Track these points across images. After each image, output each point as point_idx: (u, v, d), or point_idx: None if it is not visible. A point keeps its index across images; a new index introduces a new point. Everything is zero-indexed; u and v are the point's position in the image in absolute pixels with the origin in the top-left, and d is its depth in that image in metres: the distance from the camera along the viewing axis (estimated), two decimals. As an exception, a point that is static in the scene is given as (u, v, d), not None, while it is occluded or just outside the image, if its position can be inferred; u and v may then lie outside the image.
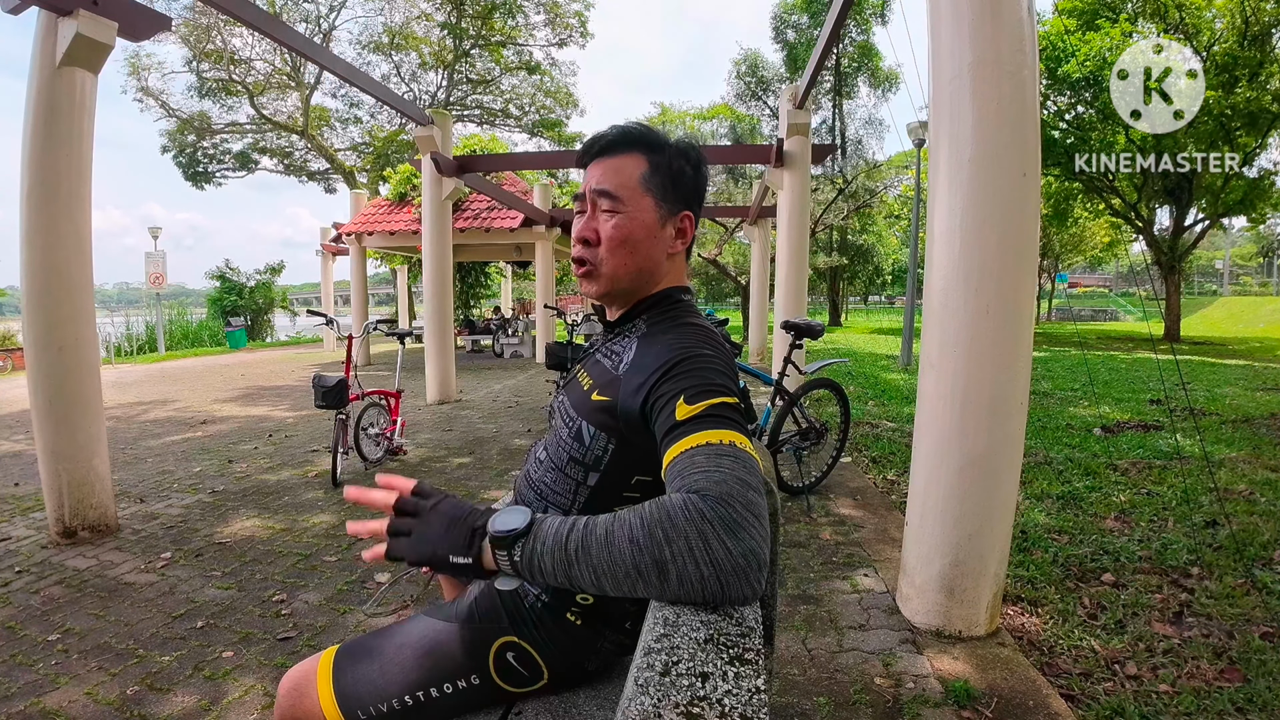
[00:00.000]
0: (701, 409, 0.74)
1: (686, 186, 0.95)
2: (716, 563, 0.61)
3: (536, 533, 0.68)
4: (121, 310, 26.76)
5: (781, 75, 19.96)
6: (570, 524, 0.68)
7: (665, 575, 0.62)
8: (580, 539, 0.66)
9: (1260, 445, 4.53)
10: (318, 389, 3.80)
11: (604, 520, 0.68)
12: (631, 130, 0.93)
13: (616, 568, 0.64)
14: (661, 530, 0.63)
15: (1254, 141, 13.58)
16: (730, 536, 0.62)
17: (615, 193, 0.90)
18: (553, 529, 0.68)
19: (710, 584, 0.62)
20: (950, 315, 2.06)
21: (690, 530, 0.62)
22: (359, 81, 5.54)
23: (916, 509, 2.21)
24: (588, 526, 0.67)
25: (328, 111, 22.82)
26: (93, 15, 2.83)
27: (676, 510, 0.64)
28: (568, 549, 0.66)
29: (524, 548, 0.68)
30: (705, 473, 0.67)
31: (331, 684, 0.94)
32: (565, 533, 0.67)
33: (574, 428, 0.92)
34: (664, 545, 0.62)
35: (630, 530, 0.65)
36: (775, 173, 6.43)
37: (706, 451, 0.70)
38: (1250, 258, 56.50)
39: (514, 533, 0.68)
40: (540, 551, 0.67)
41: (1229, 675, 1.88)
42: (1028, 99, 1.98)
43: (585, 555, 0.65)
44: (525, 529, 0.68)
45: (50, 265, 2.89)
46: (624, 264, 0.92)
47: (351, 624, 2.26)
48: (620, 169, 0.91)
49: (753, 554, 0.62)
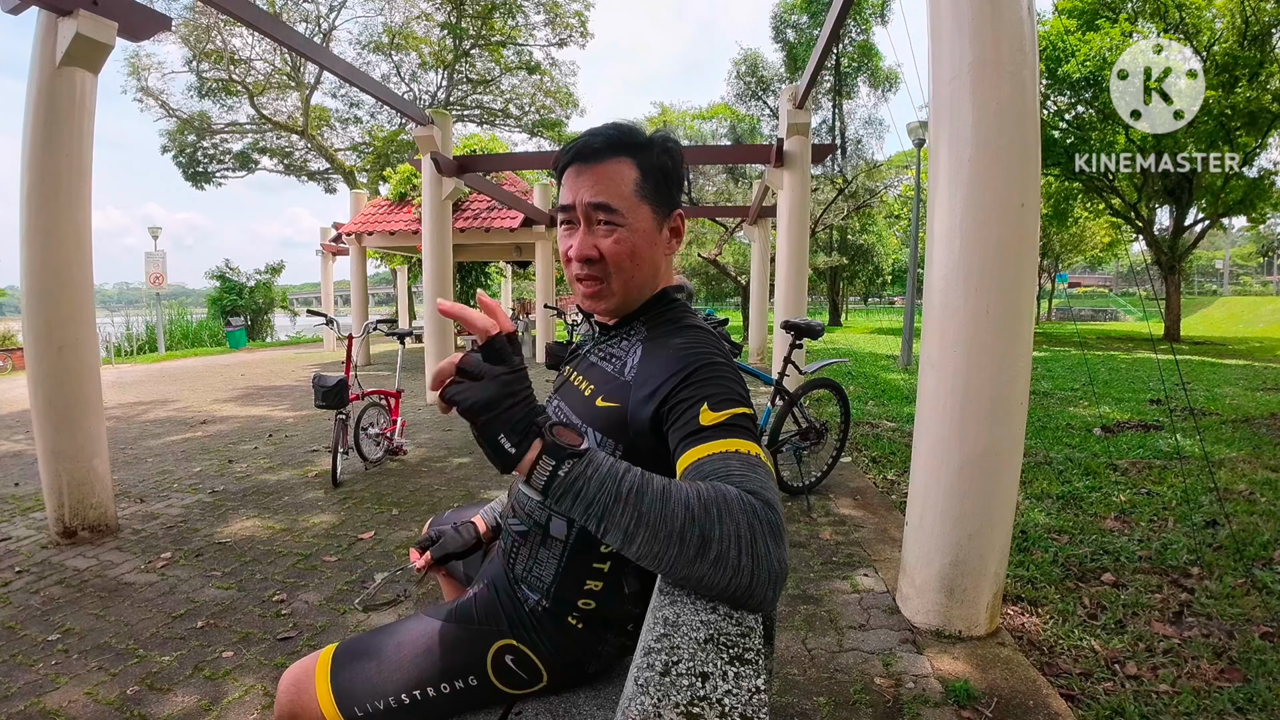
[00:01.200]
0: (726, 417, 0.75)
1: (673, 183, 0.92)
2: (758, 558, 0.62)
3: (591, 458, 0.66)
4: (121, 310, 26.80)
5: (781, 75, 19.96)
6: (626, 466, 0.67)
7: (706, 550, 0.62)
8: (636, 483, 0.65)
9: (1260, 445, 4.53)
10: (318, 389, 3.80)
11: (660, 478, 0.67)
12: (616, 135, 0.89)
13: (662, 525, 0.63)
14: (717, 509, 0.63)
15: (1254, 141, 13.58)
16: (774, 541, 0.63)
17: (616, 206, 0.87)
18: (608, 462, 0.67)
19: (744, 576, 0.62)
20: (950, 315, 2.06)
21: (743, 520, 0.63)
22: (359, 81, 5.54)
23: (916, 509, 2.21)
24: (645, 476, 0.66)
25: (328, 111, 22.83)
26: (93, 15, 2.82)
27: (733, 498, 0.64)
28: (621, 486, 0.65)
29: (574, 466, 0.65)
30: (746, 478, 0.68)
31: (330, 682, 0.94)
32: (621, 471, 0.66)
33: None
34: (715, 523, 0.62)
35: (686, 497, 0.64)
36: (775, 173, 6.43)
37: (740, 459, 0.70)
38: (1250, 257, 56.51)
39: (565, 445, 0.65)
40: (590, 475, 0.65)
41: (1229, 675, 1.88)
42: (1028, 99, 1.98)
43: (636, 500, 0.64)
44: (583, 450, 0.66)
45: (50, 265, 2.89)
46: (633, 279, 0.90)
47: (351, 624, 2.26)
48: (614, 179, 0.87)
49: (784, 565, 0.64)
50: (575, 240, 0.89)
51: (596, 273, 0.89)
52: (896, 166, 23.40)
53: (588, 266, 0.89)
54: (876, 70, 19.65)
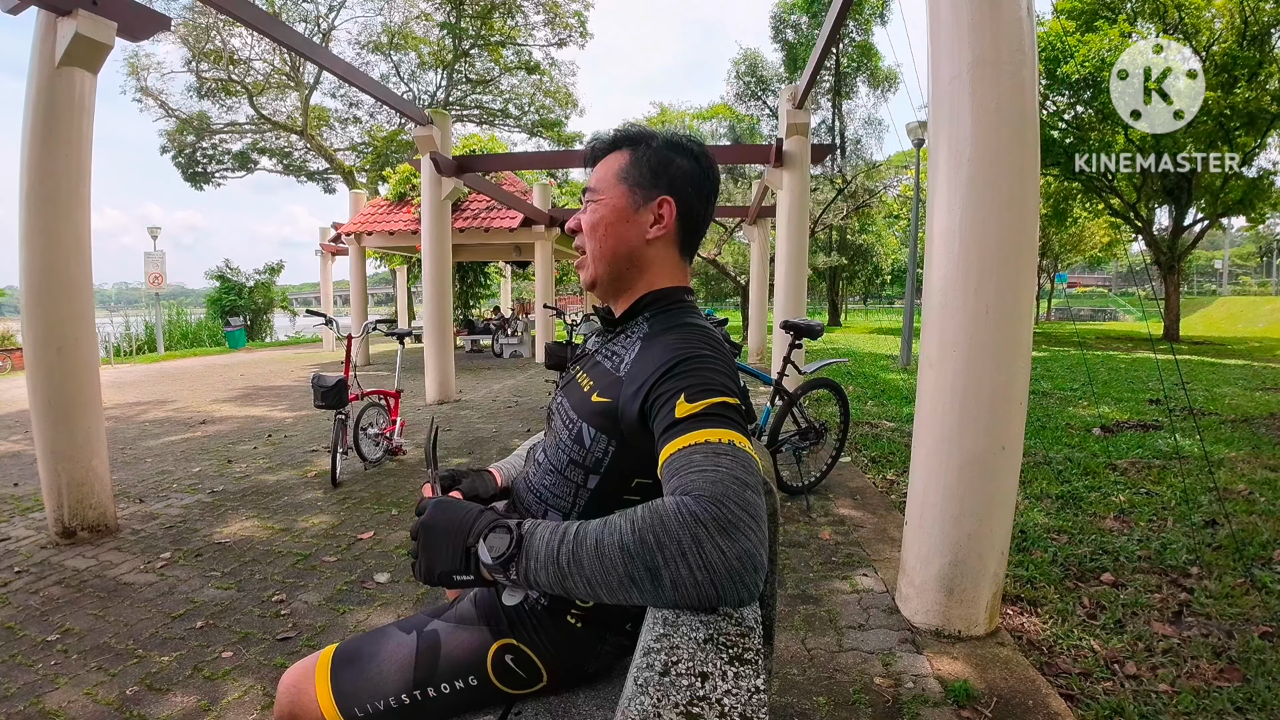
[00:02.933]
0: (701, 407, 0.74)
1: (671, 174, 0.94)
2: (710, 566, 0.60)
3: (527, 548, 0.67)
4: (121, 310, 26.78)
5: (781, 75, 19.97)
6: (561, 534, 0.67)
7: (659, 581, 0.61)
8: (571, 551, 0.65)
9: (1259, 445, 4.54)
10: (317, 389, 3.79)
11: (595, 527, 0.66)
12: (621, 132, 0.98)
13: (609, 576, 0.63)
14: (653, 535, 0.62)
15: (1253, 141, 13.58)
16: (724, 538, 0.60)
17: (595, 186, 0.96)
18: (544, 542, 0.67)
19: (705, 588, 0.61)
20: (950, 315, 2.06)
21: (683, 534, 0.61)
22: (358, 81, 5.54)
23: (916, 508, 2.21)
24: (578, 536, 0.66)
25: (327, 111, 22.83)
26: (92, 15, 2.82)
27: (669, 514, 0.63)
28: (559, 562, 0.65)
29: (518, 565, 0.67)
30: (701, 472, 0.66)
31: (329, 682, 0.94)
32: (556, 545, 0.66)
33: (574, 430, 0.91)
34: (655, 551, 0.61)
35: (620, 537, 0.63)
36: (774, 173, 6.43)
37: (704, 450, 0.69)
38: (1249, 257, 56.56)
39: (502, 557, 0.67)
40: (534, 568, 0.66)
41: (1228, 675, 1.88)
42: (1027, 99, 1.98)
43: (577, 567, 0.64)
44: (514, 549, 0.67)
45: (49, 265, 2.89)
46: (604, 248, 0.95)
47: (351, 624, 2.26)
48: (606, 166, 0.96)
49: (748, 556, 0.61)
50: None
51: (580, 244, 0.98)
52: (896, 166, 23.40)
53: (577, 239, 0.99)
54: (876, 70, 19.67)
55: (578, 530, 0.67)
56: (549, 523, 0.70)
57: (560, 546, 0.66)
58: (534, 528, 0.69)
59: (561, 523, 0.69)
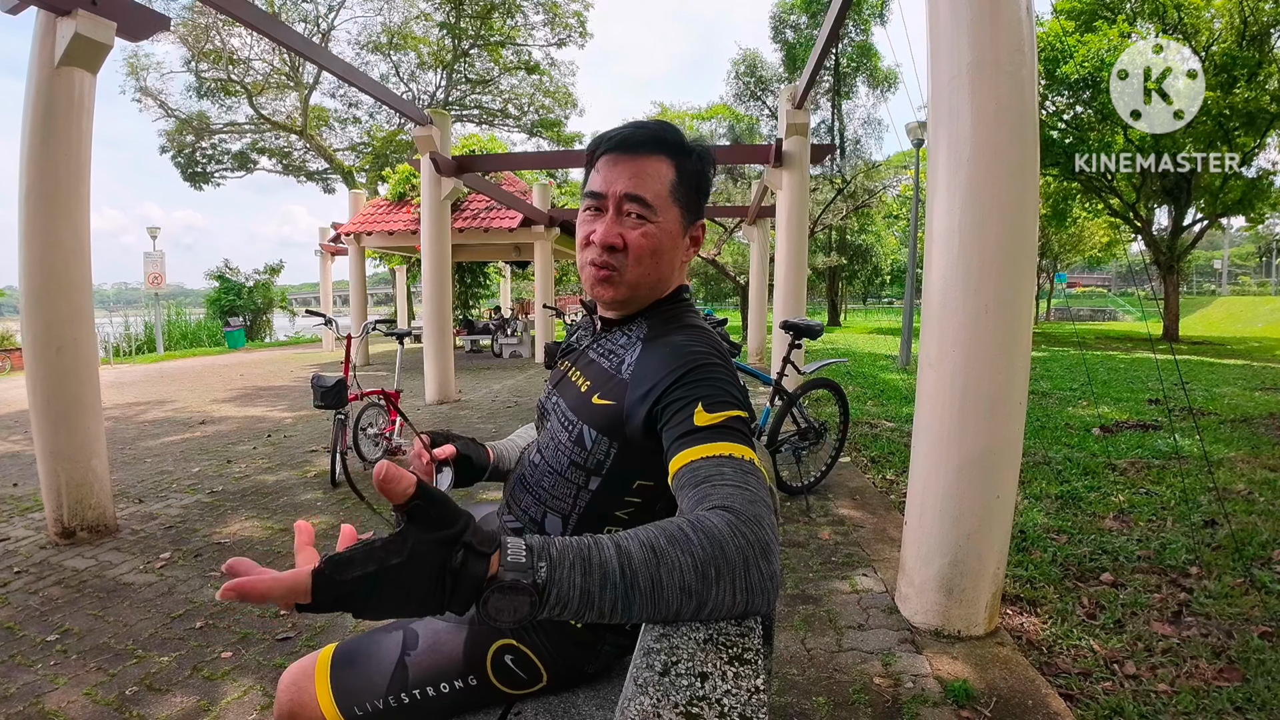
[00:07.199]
0: (721, 419, 0.74)
1: (704, 193, 0.94)
2: (751, 588, 0.61)
3: (552, 603, 0.56)
4: (120, 310, 26.78)
5: (780, 75, 19.96)
6: (601, 574, 0.57)
7: (702, 609, 0.60)
8: (622, 594, 0.57)
9: (1259, 445, 4.54)
10: (316, 389, 3.79)
11: (644, 566, 0.58)
12: (660, 132, 0.90)
13: (656, 614, 0.59)
14: (714, 568, 0.60)
15: (1252, 141, 13.59)
16: (764, 560, 0.62)
17: (651, 201, 0.87)
18: (575, 580, 0.56)
19: (739, 607, 0.61)
20: (949, 315, 2.06)
21: (738, 559, 0.60)
22: (358, 81, 5.54)
23: (915, 509, 2.21)
24: (628, 578, 0.57)
25: (326, 111, 22.84)
26: (91, 15, 2.82)
27: (726, 538, 0.60)
28: (601, 608, 0.57)
29: (545, 604, 0.56)
30: (738, 489, 0.66)
31: (329, 682, 0.93)
32: (596, 592, 0.57)
33: (574, 431, 0.91)
34: (714, 583, 0.59)
35: (683, 578, 0.59)
36: (774, 173, 6.43)
37: (733, 465, 0.69)
38: (1249, 257, 56.60)
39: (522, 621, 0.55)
40: (557, 614, 0.57)
41: (1228, 675, 1.88)
42: (1026, 99, 1.98)
43: (624, 607, 0.58)
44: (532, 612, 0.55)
45: (49, 265, 2.88)
46: (648, 275, 0.91)
47: (350, 624, 2.26)
48: (653, 175, 0.88)
49: (777, 576, 0.63)
50: (600, 226, 0.89)
51: (614, 261, 0.89)
52: (895, 167, 23.41)
53: (607, 254, 0.89)
54: (875, 70, 19.67)
55: (623, 568, 0.58)
56: (567, 558, 0.57)
57: (602, 594, 0.57)
58: (553, 573, 0.56)
59: (584, 554, 0.58)
